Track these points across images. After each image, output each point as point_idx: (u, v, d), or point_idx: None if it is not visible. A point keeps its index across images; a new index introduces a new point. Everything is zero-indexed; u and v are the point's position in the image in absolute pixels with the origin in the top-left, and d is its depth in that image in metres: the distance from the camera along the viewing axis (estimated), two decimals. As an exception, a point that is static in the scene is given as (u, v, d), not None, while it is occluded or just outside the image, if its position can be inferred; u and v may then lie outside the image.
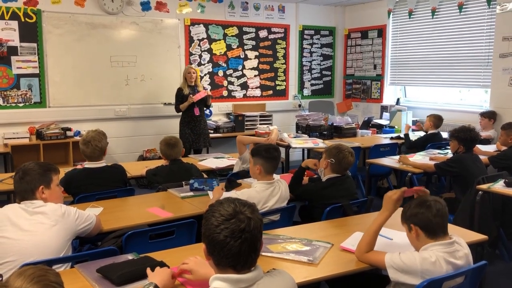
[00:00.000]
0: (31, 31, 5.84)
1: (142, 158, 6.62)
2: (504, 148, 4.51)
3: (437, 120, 5.71)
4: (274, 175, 3.20)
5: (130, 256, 2.21)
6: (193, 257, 1.95)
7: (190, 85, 5.96)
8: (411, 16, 7.11)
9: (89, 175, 3.39)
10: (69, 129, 5.97)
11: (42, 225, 2.31)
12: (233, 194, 2.97)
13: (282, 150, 5.58)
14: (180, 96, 5.94)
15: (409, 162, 4.41)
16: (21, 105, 5.88)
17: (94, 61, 6.25)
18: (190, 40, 6.91)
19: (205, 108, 6.17)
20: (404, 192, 2.27)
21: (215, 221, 1.51)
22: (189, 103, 5.83)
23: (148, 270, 1.95)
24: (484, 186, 3.64)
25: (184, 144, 6.01)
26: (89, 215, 2.54)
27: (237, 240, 1.48)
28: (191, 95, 5.85)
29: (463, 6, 6.30)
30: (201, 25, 6.99)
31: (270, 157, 3.05)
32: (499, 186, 3.60)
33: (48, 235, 2.30)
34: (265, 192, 3.02)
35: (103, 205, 3.06)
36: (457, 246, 2.10)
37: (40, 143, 5.71)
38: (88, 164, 3.43)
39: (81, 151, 3.44)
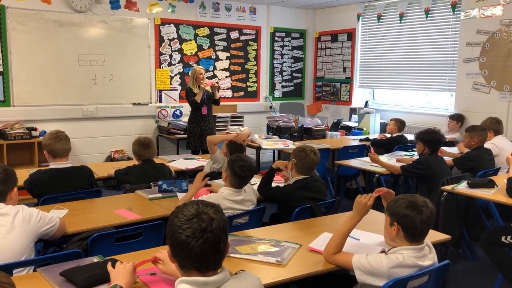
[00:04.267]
0: (-6, 27, 5.67)
1: (110, 159, 6.50)
2: (466, 150, 4.63)
3: (400, 124, 5.95)
4: None
5: (95, 259, 2.17)
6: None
7: (200, 85, 5.95)
8: (380, 20, 7.25)
9: (55, 175, 3.29)
10: (35, 129, 5.81)
11: (2, 227, 2.24)
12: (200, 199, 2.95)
13: (253, 151, 5.63)
14: (193, 94, 5.94)
15: (379, 160, 4.47)
16: (-17, 103, 5.70)
17: (61, 59, 6.10)
18: (160, 40, 6.84)
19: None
20: (375, 197, 2.32)
21: (177, 222, 1.52)
22: (202, 91, 5.89)
23: (109, 267, 1.90)
24: (448, 187, 3.73)
25: (194, 143, 6.02)
26: (52, 217, 2.48)
27: (198, 240, 1.48)
28: (202, 82, 5.93)
29: (430, 12, 6.46)
30: (172, 25, 6.92)
31: (239, 174, 2.96)
32: (462, 187, 3.70)
33: (9, 238, 2.23)
34: (233, 198, 2.98)
35: (69, 206, 2.99)
36: (426, 251, 2.13)
37: (4, 143, 5.54)
38: (54, 165, 3.32)
39: (48, 149, 3.29)
